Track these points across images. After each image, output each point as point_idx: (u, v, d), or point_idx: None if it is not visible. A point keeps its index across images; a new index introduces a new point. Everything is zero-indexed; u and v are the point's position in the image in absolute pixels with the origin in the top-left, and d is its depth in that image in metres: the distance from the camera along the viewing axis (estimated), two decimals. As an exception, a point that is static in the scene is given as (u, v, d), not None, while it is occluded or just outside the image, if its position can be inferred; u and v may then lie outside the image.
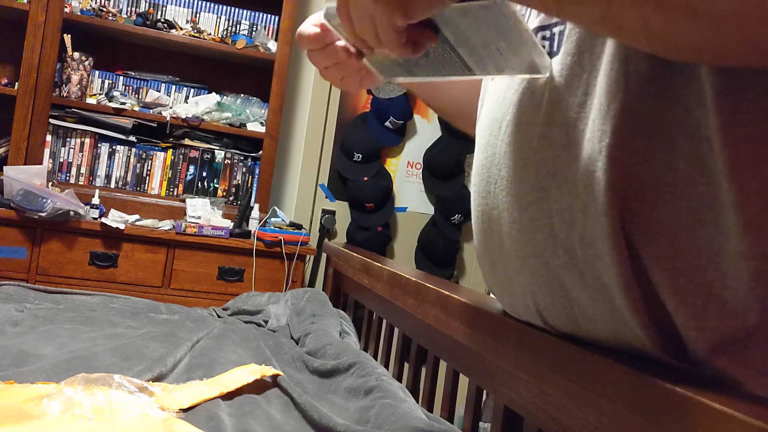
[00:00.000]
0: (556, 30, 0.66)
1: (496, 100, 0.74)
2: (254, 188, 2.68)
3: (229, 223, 2.42)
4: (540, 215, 0.66)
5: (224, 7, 2.73)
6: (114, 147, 2.60)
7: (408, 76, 0.69)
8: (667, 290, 0.58)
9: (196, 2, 2.71)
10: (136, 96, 2.72)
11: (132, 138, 2.59)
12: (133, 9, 2.67)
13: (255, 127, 2.66)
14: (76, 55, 2.49)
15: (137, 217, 2.41)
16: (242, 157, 2.71)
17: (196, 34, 2.62)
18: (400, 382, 1.44)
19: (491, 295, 1.17)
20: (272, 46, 2.64)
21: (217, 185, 2.70)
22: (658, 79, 0.56)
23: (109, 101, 2.59)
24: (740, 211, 0.54)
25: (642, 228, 0.58)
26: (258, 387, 1.22)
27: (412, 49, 0.57)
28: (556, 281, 0.67)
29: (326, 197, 2.77)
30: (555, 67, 0.65)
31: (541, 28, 0.68)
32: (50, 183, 2.37)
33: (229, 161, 2.69)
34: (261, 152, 2.63)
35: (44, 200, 2.17)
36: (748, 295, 0.55)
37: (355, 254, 1.90)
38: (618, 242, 0.58)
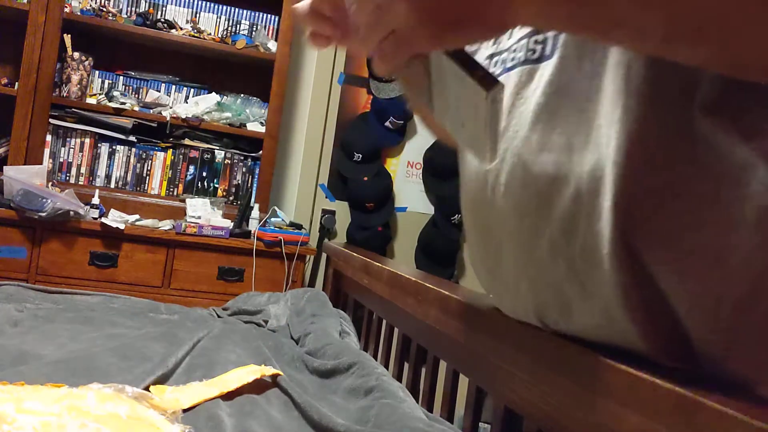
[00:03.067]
0: (550, 34, 0.65)
1: None
2: (254, 188, 2.68)
3: (229, 223, 2.42)
4: (540, 223, 0.65)
5: (224, 7, 2.73)
6: (114, 147, 2.60)
7: None
8: (678, 294, 0.58)
9: (196, 2, 2.71)
10: (136, 96, 2.72)
11: (132, 138, 2.59)
12: (133, 9, 2.67)
13: (255, 127, 2.66)
14: (76, 55, 2.49)
15: (137, 217, 2.41)
16: (242, 157, 2.71)
17: (196, 34, 2.62)
18: (400, 382, 1.44)
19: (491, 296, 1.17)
20: (272, 46, 2.64)
21: (217, 185, 2.70)
22: (658, 84, 0.56)
23: (109, 101, 2.59)
24: (752, 203, 0.53)
25: (647, 232, 0.58)
26: (258, 387, 1.22)
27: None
28: (557, 290, 0.66)
29: (326, 197, 2.77)
30: (549, 71, 0.64)
31: (535, 32, 0.68)
32: (50, 183, 2.36)
33: (229, 161, 2.69)
34: (261, 152, 2.63)
35: (44, 200, 2.17)
36: (761, 289, 0.55)
37: (355, 254, 1.90)
38: (619, 249, 0.58)
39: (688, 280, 0.57)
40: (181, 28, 2.63)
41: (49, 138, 2.51)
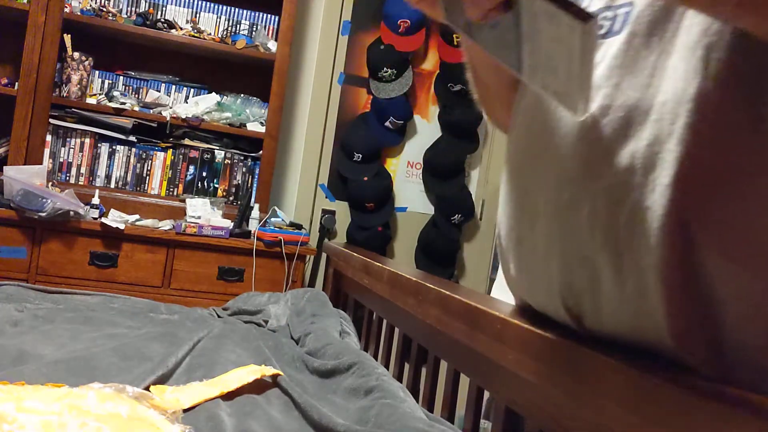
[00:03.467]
0: (620, 11, 0.66)
1: None
2: (254, 188, 2.68)
3: (229, 223, 2.42)
4: (583, 193, 0.66)
5: (224, 7, 2.73)
6: (114, 147, 2.60)
7: (464, 30, 0.65)
8: (723, 277, 0.58)
9: (196, 2, 2.71)
10: (136, 96, 2.71)
11: (132, 138, 2.59)
12: (133, 9, 2.67)
13: (255, 127, 2.66)
14: (76, 55, 2.49)
15: (137, 217, 2.41)
16: (242, 157, 2.71)
17: (196, 34, 2.61)
18: (401, 382, 1.44)
19: (493, 291, 1.17)
20: (272, 46, 2.64)
21: (217, 185, 2.70)
22: (737, 69, 0.57)
23: (109, 101, 2.58)
24: None
25: (704, 213, 0.58)
26: (258, 387, 1.22)
27: (484, 15, 0.55)
28: (588, 262, 0.67)
29: (326, 197, 2.77)
30: (616, 46, 0.66)
31: (605, 8, 0.69)
32: (50, 183, 2.36)
33: (229, 161, 2.69)
34: (261, 152, 2.63)
35: (44, 200, 2.17)
36: None
37: (355, 254, 1.90)
38: (672, 225, 0.58)
39: (738, 265, 0.57)
40: (181, 28, 2.63)
41: (49, 138, 2.51)
